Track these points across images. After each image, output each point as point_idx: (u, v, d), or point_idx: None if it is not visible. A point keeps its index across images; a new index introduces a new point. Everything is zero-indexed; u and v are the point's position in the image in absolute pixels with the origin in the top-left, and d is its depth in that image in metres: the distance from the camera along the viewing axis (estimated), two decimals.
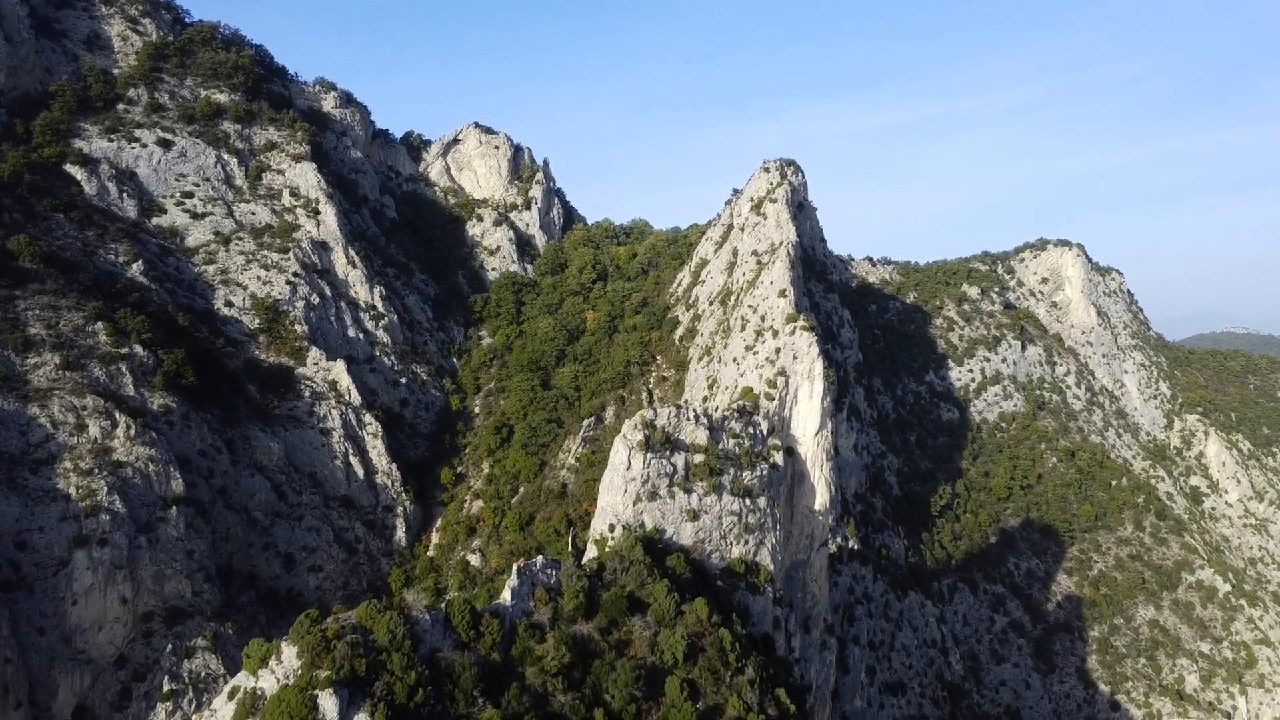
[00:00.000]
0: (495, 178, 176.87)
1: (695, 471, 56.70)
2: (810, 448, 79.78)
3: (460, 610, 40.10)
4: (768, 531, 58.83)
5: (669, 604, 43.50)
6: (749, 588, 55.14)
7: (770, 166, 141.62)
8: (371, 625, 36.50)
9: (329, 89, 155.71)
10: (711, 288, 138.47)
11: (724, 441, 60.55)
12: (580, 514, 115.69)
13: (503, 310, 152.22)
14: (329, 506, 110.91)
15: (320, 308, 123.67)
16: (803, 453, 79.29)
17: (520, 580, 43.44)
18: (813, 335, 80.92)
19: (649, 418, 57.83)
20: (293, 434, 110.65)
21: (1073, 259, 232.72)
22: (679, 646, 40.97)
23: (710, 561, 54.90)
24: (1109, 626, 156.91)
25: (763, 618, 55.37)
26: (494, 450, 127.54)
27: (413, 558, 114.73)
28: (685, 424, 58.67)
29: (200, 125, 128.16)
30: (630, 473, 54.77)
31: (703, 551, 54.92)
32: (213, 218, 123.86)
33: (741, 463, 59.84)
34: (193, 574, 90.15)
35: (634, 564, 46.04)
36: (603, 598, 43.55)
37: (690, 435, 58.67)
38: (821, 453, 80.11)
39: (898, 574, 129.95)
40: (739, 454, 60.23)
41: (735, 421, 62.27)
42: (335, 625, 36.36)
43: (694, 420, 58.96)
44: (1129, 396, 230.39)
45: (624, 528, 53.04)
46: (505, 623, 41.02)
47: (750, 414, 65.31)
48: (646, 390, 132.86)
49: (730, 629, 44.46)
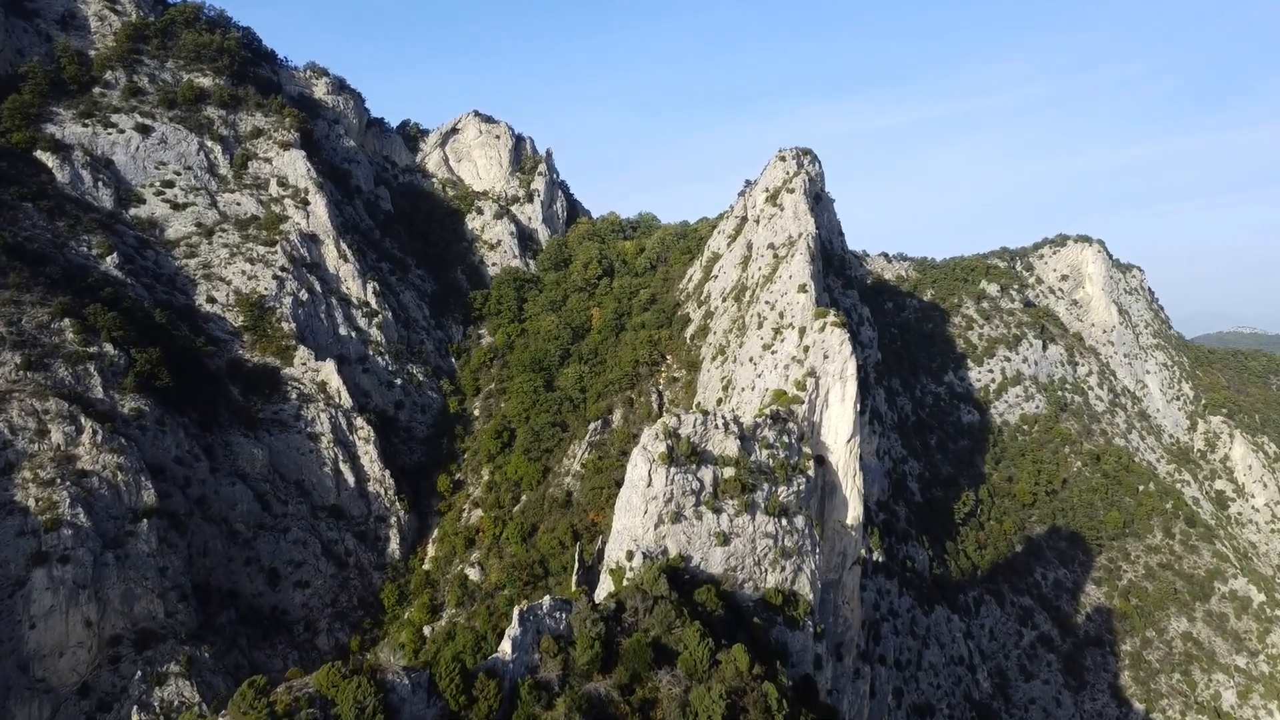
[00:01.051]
0: (496, 169, 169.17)
1: (725, 488, 49.20)
2: (842, 456, 72.12)
3: (448, 672, 32.53)
4: (806, 555, 51.29)
5: (702, 653, 36.05)
6: (787, 622, 47.67)
7: (786, 155, 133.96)
8: (334, 695, 28.98)
9: (320, 74, 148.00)
10: (725, 283, 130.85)
11: (756, 452, 53.03)
12: (586, 524, 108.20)
13: (504, 307, 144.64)
14: (317, 517, 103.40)
15: (309, 304, 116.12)
16: (833, 461, 71.63)
17: (523, 628, 35.99)
18: (845, 332, 73.31)
19: (672, 426, 50.24)
20: (278, 439, 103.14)
21: (1093, 255, 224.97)
22: (717, 709, 33.50)
23: (742, 592, 47.45)
24: (1141, 640, 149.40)
25: (803, 656, 47.93)
26: (494, 456, 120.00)
27: (407, 571, 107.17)
28: (713, 433, 51.14)
29: (182, 110, 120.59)
30: (651, 490, 47.25)
31: (734, 580, 47.43)
32: (195, 208, 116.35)
33: (776, 477, 52.32)
34: (165, 593, 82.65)
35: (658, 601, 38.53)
36: (623, 646, 36.08)
37: (719, 446, 51.15)
38: (853, 462, 72.44)
39: (923, 587, 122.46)
40: (773, 466, 52.70)
41: (768, 429, 54.73)
42: (287, 697, 28.80)
43: (723, 429, 51.42)
44: (1151, 398, 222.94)
45: (644, 555, 45.52)
46: (505, 683, 33.48)
47: (784, 421, 57.77)
48: (656, 392, 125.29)
49: (775, 681, 36.94)
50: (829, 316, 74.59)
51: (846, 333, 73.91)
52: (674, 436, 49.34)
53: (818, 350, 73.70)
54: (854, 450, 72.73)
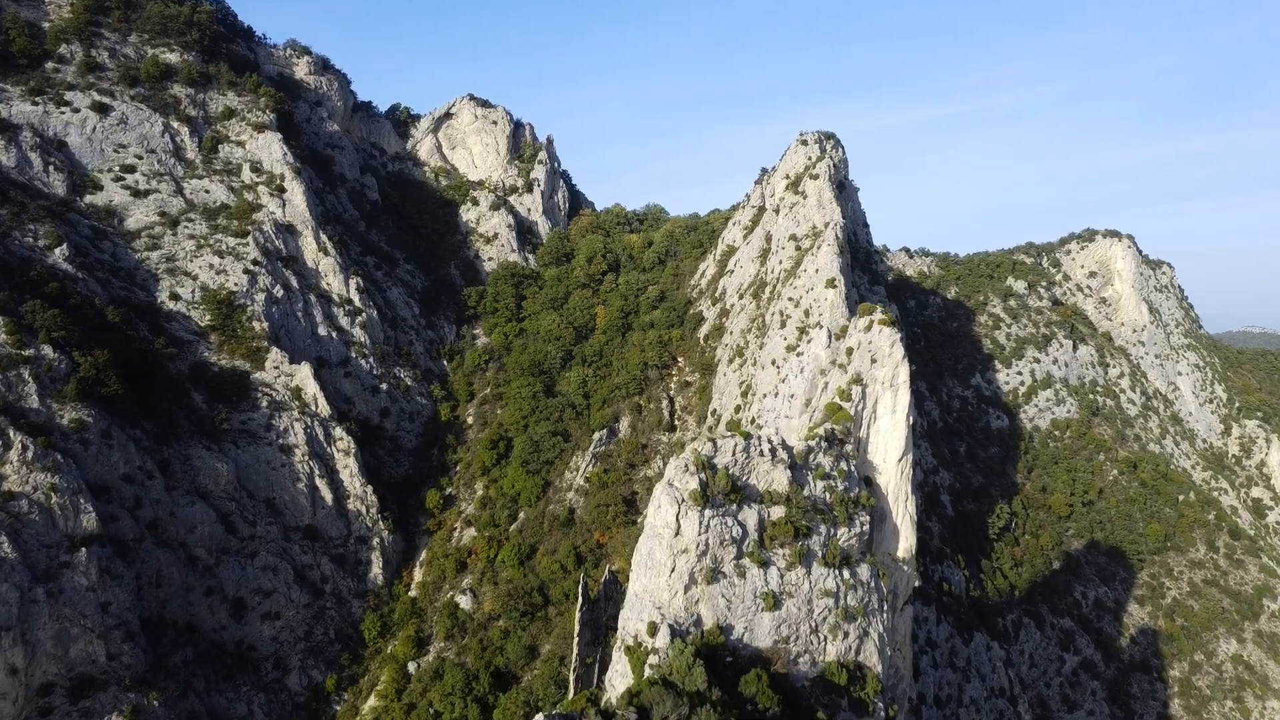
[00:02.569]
0: (492, 156, 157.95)
1: (774, 533, 38.31)
2: (892, 478, 61.05)
3: None
4: (873, 615, 40.39)
5: None
6: (854, 706, 36.75)
7: (808, 138, 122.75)
8: None
9: (302, 53, 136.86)
10: (741, 278, 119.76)
11: (810, 485, 42.11)
12: (591, 546, 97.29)
13: (500, 305, 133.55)
14: (289, 539, 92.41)
15: (284, 301, 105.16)
16: (882, 484, 60.51)
17: None
18: (895, 332, 62.31)
19: (706, 454, 39.20)
20: (246, 452, 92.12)
21: (1123, 251, 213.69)
22: None
23: (797, 669, 36.56)
24: (1189, 664, 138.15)
25: None
26: (489, 468, 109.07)
27: (391, 599, 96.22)
28: (757, 462, 40.18)
29: (145, 88, 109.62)
30: (681, 541, 36.34)
31: (786, 655, 36.56)
32: (158, 195, 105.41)
33: (835, 515, 41.41)
34: (108, 632, 71.82)
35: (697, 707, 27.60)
36: None
37: (765, 479, 40.23)
38: (905, 484, 61.34)
39: (961, 612, 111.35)
40: (831, 503, 41.79)
41: (823, 454, 43.85)
42: None
43: (769, 456, 40.47)
44: (1183, 400, 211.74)
45: (672, 628, 34.60)
46: None
47: (840, 442, 46.83)
48: (667, 397, 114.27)
49: None
50: (876, 314, 63.53)
51: (897, 332, 62.83)
52: (708, 468, 38.39)
53: (863, 353, 62.51)
54: (906, 470, 61.60)
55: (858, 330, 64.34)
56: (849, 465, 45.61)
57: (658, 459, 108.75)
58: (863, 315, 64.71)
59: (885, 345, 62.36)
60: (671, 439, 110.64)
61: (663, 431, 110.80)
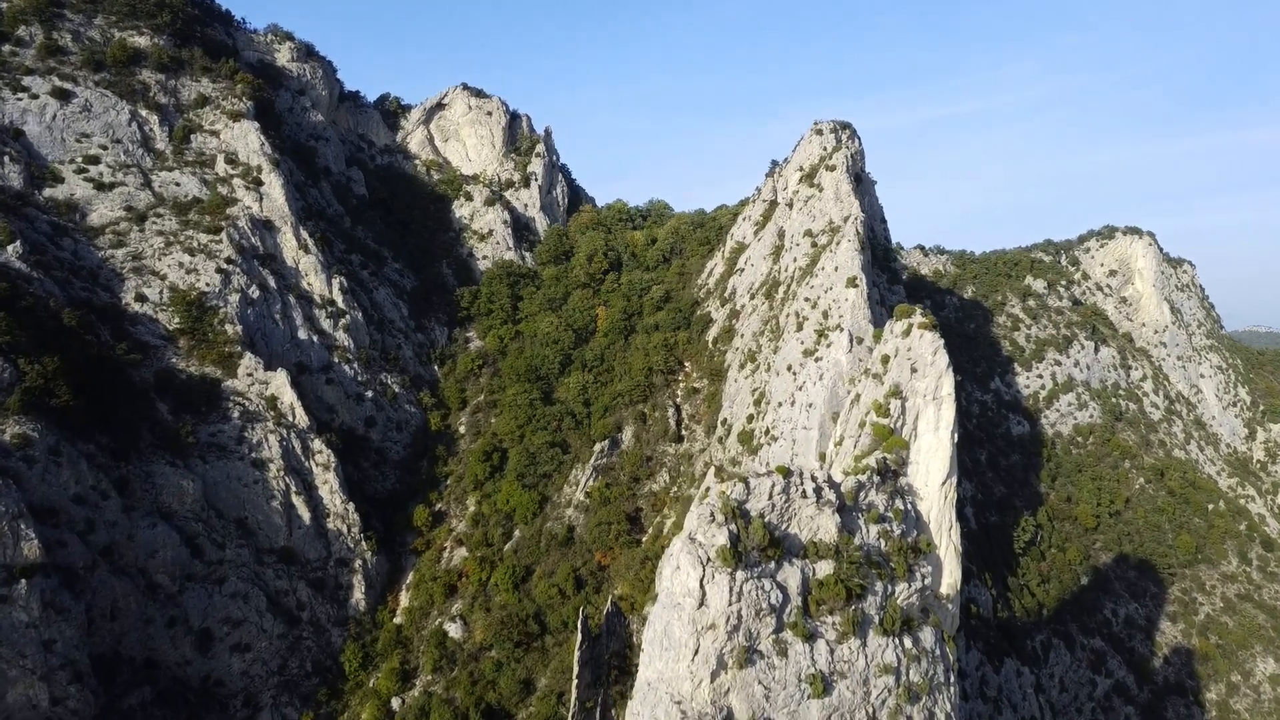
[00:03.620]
0: (487, 149, 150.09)
1: (821, 596, 30.68)
2: (935, 503, 53.11)
3: None
4: (940, 691, 32.75)
5: None
6: None
7: (823, 128, 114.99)
8: None
9: (284, 39, 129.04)
10: (752, 277, 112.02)
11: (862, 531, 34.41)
12: (592, 568, 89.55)
13: (495, 306, 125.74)
14: (262, 563, 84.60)
15: (261, 303, 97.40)
16: (924, 510, 52.53)
17: None
18: (938, 338, 54.48)
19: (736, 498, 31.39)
20: (215, 467, 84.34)
21: (1144, 249, 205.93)
22: None
23: None
24: (1226, 685, 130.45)
25: None
26: (482, 482, 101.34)
27: (374, 627, 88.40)
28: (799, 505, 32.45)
29: (112, 74, 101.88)
30: (706, 614, 28.64)
31: None
32: (124, 189, 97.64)
33: (894, 568, 33.80)
34: (52, 673, 64.05)
35: None
36: None
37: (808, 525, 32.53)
38: (949, 511, 53.36)
39: (990, 636, 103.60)
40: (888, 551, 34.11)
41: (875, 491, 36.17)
42: None
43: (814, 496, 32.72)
44: (1206, 404, 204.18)
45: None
46: None
47: (894, 474, 39.08)
48: (673, 405, 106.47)
49: None
50: (915, 316, 55.76)
51: (940, 338, 54.90)
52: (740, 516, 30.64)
53: (901, 362, 54.65)
54: (950, 495, 53.59)
55: (895, 335, 56.47)
56: (906, 503, 37.97)
57: (664, 472, 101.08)
58: (900, 318, 56.83)
59: (927, 353, 54.46)
60: (678, 450, 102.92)
61: (669, 442, 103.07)
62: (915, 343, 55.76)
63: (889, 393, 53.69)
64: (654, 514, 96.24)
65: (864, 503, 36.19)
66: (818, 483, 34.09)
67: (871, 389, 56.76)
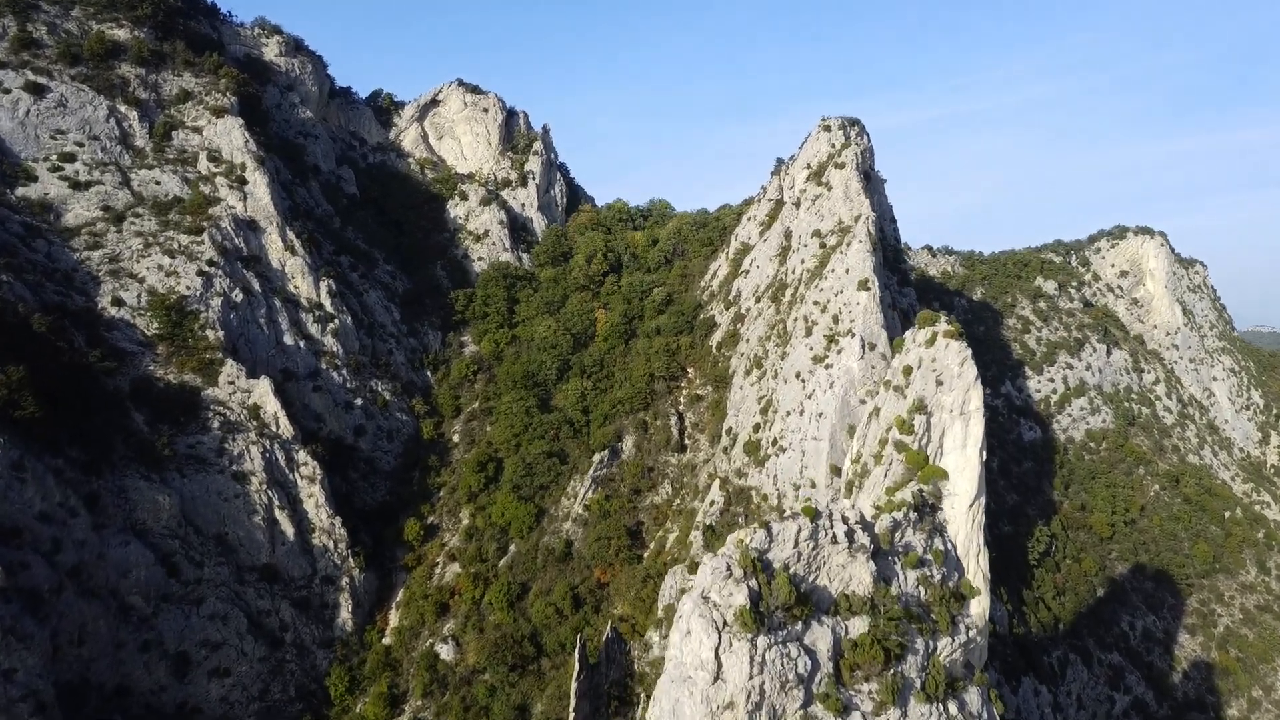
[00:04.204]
0: (483, 147, 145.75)
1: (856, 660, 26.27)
2: (962, 527, 48.83)
3: None
4: None
5: None
6: None
7: (831, 124, 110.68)
8: None
9: (273, 32, 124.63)
10: (758, 280, 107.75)
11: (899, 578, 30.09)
12: (591, 586, 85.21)
13: (491, 309, 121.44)
14: (243, 581, 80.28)
15: (244, 307, 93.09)
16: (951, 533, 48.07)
17: None
18: (965, 347, 50.27)
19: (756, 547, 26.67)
20: (193, 481, 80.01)
21: (1155, 249, 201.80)
22: None
23: None
24: (1247, 701, 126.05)
25: None
26: (476, 494, 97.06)
27: (362, 648, 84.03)
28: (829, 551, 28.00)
29: (89, 68, 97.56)
30: (723, 690, 24.03)
31: None
32: (101, 188, 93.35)
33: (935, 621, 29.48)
34: (11, 705, 59.49)
35: None
36: None
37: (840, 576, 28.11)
38: (977, 534, 49.10)
39: (1007, 654, 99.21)
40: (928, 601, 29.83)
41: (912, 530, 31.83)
42: None
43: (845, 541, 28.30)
44: (1219, 407, 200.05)
45: None
46: None
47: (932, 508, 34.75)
48: (675, 413, 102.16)
49: None
50: (940, 324, 51.50)
51: (968, 348, 50.59)
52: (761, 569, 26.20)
53: (926, 374, 50.30)
54: (978, 518, 49.33)
55: (917, 345, 52.14)
56: (946, 542, 33.63)
57: (666, 483, 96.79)
58: (924, 326, 52.48)
59: (954, 364, 50.17)
60: (681, 460, 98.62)
61: (671, 452, 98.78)
62: (940, 353, 51.45)
63: (912, 407, 49.37)
64: (656, 528, 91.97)
65: (900, 544, 31.90)
66: (849, 525, 29.75)
67: (892, 402, 52.40)
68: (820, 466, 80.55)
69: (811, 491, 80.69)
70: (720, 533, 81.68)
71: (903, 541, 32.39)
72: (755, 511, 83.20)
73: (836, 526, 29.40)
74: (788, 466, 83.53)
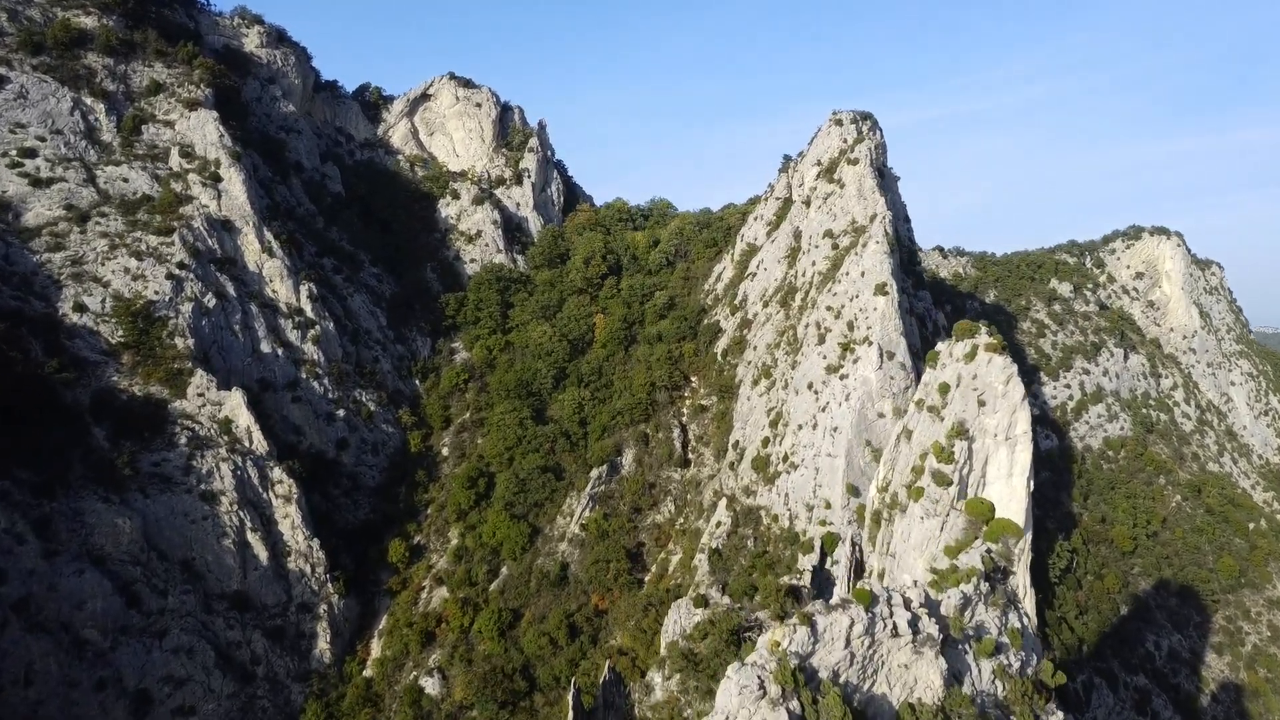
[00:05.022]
0: (476, 144, 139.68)
1: None
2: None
3: None
4: None
5: None
6: None
7: (843, 118, 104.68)
8: None
9: (253, 22, 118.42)
10: (765, 283, 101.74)
11: (973, 672, 24.05)
12: (588, 614, 79.18)
13: (483, 314, 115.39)
14: (211, 610, 74.20)
15: (218, 312, 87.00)
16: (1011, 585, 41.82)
17: None
18: (1010, 363, 44.27)
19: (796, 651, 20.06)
20: (157, 502, 73.89)
21: (1172, 250, 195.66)
22: None
23: None
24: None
25: None
26: (466, 511, 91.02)
27: (341, 681, 77.95)
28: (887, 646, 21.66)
29: (53, 57, 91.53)
30: None
31: None
32: (64, 185, 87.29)
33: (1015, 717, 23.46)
34: None
35: None
36: None
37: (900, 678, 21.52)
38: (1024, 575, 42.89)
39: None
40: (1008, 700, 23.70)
41: (984, 606, 25.76)
42: None
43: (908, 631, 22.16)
44: (1237, 413, 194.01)
45: None
46: None
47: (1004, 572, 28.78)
48: (679, 425, 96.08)
49: None
50: (980, 336, 45.51)
51: (1013, 363, 44.54)
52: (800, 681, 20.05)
53: (966, 393, 44.22)
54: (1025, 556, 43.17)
55: (955, 360, 46.05)
56: (1021, 618, 27.59)
57: (668, 501, 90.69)
58: (961, 337, 46.42)
59: (998, 381, 44.10)
60: (684, 476, 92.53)
61: (674, 467, 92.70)
62: (981, 369, 45.34)
63: (952, 431, 43.25)
64: (658, 549, 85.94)
65: (970, 626, 25.93)
66: (912, 610, 23.71)
67: (927, 425, 46.26)
68: (836, 486, 74.56)
69: (826, 513, 74.71)
70: (727, 556, 75.74)
71: (973, 622, 26.40)
72: (765, 534, 77.18)
73: (897, 614, 23.37)
74: (800, 485, 77.52)
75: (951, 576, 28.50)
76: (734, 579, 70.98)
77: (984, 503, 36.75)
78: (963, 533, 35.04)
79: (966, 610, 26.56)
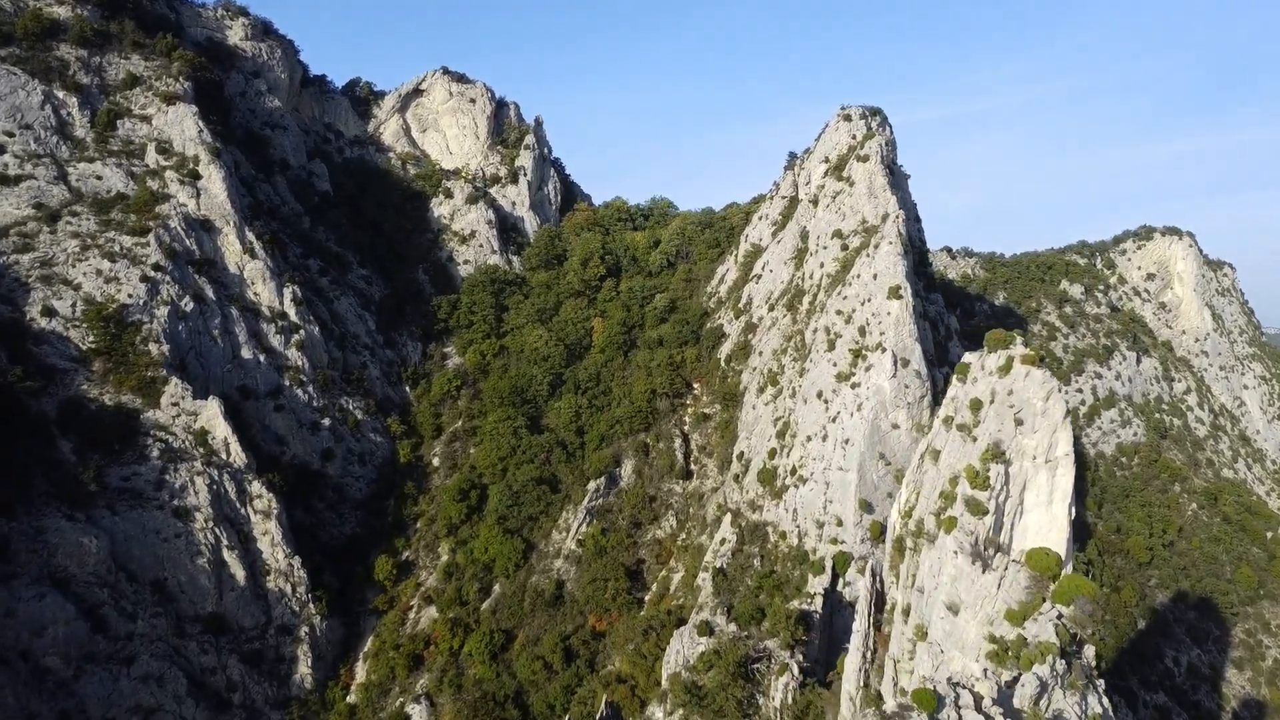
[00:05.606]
0: (470, 141, 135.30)
1: None
2: None
3: None
4: None
5: None
6: None
7: (851, 113, 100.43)
8: None
9: (238, 14, 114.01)
10: (771, 285, 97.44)
11: None
12: (585, 637, 74.80)
13: (477, 317, 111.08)
14: (184, 634, 69.83)
15: (195, 317, 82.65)
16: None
17: None
18: (1050, 378, 40.01)
19: None
20: (126, 519, 69.51)
21: (1184, 251, 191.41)
22: None
23: None
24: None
25: None
26: (457, 526, 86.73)
27: (322, 708, 73.62)
28: None
29: (22, 48, 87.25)
30: None
31: None
32: (34, 183, 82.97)
33: None
34: None
35: None
36: None
37: None
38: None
39: None
40: None
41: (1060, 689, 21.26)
42: None
43: None
44: (1250, 417, 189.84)
45: None
46: None
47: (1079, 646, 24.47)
48: (680, 435, 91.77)
49: None
50: (1016, 347, 41.36)
51: (1052, 378, 40.26)
52: None
53: (1001, 409, 40.00)
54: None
55: (987, 373, 41.74)
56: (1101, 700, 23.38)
57: (670, 515, 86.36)
58: (993, 349, 42.14)
59: (1037, 398, 39.83)
60: (687, 489, 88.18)
61: (675, 479, 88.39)
62: (1018, 383, 41.03)
63: (986, 454, 38.96)
64: (659, 567, 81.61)
65: (1049, 714, 21.73)
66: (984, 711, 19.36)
67: (957, 445, 41.94)
68: (848, 502, 70.25)
69: (838, 530, 70.39)
70: (732, 576, 71.41)
71: (1051, 709, 22.11)
72: (772, 552, 72.83)
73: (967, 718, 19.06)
74: (809, 500, 73.19)
75: (1021, 652, 24.18)
76: (740, 601, 66.64)
77: (1050, 555, 32.38)
78: (1026, 592, 30.65)
79: (1043, 699, 22.27)
